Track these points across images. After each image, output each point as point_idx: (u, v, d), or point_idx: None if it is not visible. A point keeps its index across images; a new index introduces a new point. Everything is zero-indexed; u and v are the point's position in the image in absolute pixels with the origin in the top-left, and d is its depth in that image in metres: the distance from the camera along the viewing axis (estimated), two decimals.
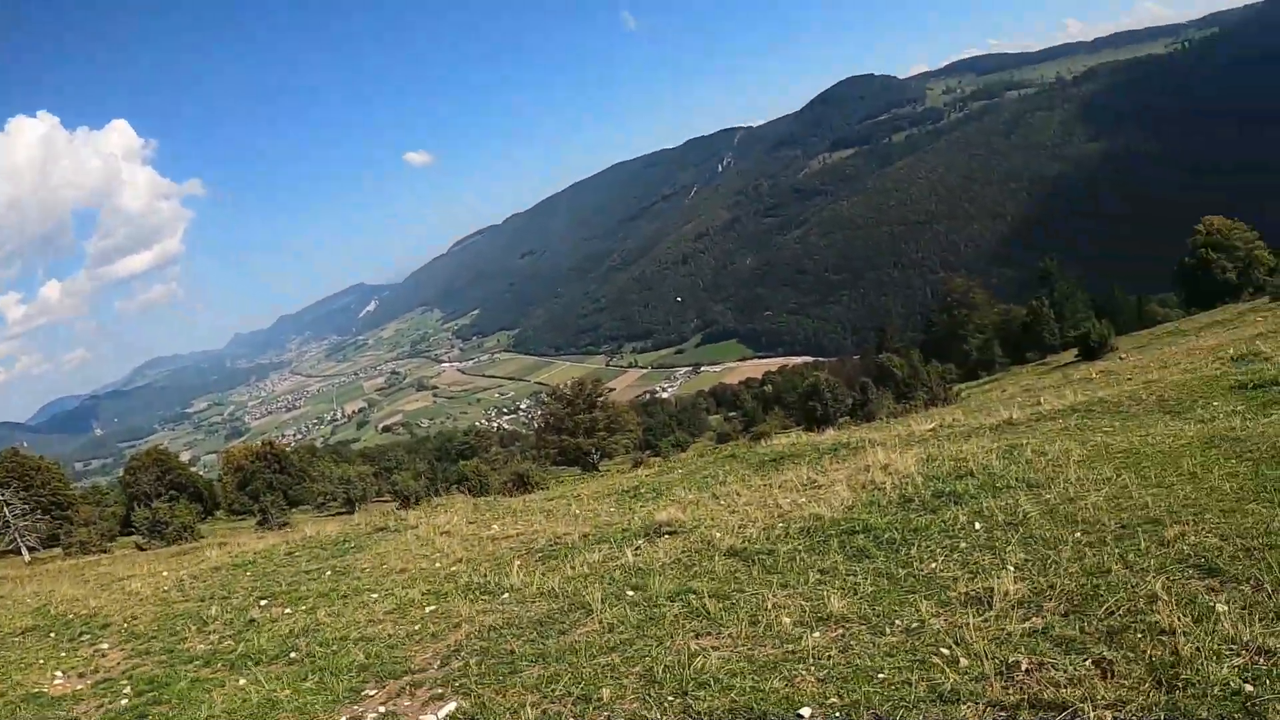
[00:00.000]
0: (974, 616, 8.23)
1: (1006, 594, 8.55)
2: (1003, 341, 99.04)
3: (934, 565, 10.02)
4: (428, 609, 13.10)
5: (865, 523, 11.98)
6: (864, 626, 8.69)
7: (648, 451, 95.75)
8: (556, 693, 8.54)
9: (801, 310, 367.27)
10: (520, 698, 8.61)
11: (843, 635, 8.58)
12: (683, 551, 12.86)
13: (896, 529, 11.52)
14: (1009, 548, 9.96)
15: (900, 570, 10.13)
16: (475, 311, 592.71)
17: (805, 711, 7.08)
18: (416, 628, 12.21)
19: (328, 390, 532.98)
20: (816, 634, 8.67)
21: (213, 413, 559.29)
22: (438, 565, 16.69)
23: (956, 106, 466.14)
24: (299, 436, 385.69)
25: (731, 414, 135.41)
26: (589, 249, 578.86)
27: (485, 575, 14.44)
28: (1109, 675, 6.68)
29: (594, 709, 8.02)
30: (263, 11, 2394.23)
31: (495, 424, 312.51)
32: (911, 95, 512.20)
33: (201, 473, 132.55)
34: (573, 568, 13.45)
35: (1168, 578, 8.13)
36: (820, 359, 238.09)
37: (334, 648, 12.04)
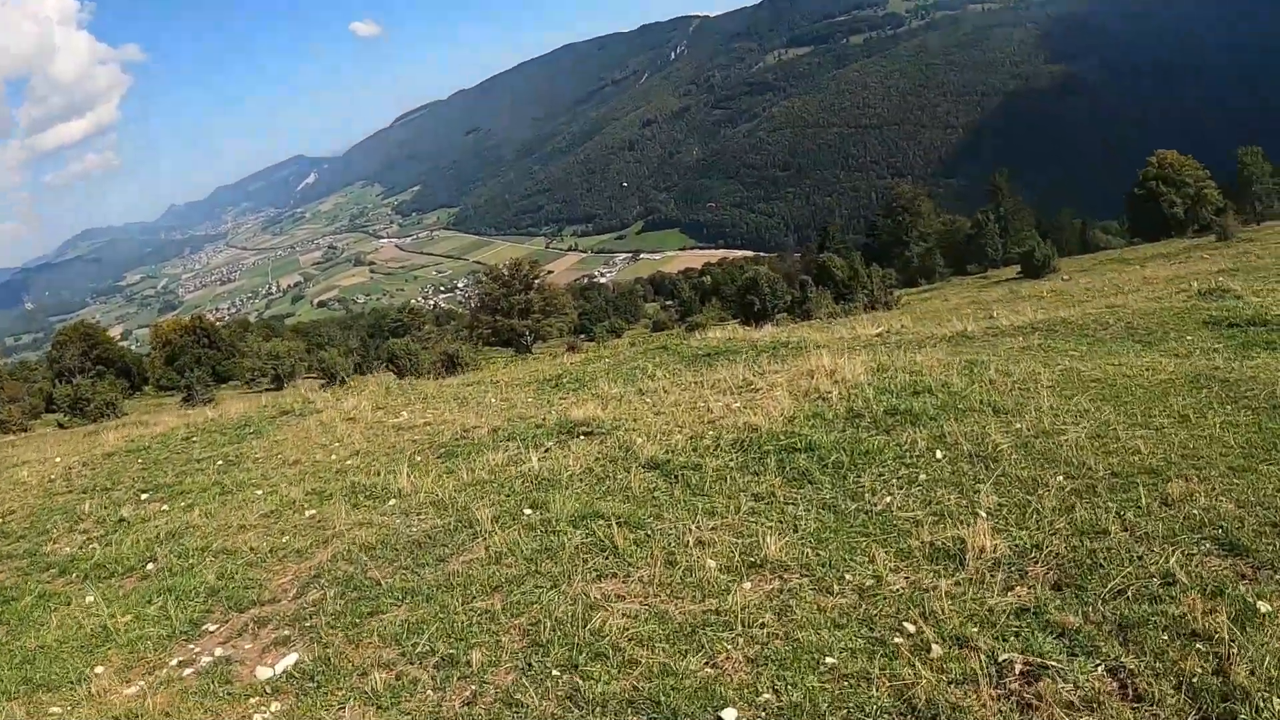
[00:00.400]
0: (943, 577, 6.66)
1: (981, 550, 6.93)
2: (944, 251, 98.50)
3: (889, 500, 8.37)
4: (307, 513, 11.41)
5: (808, 439, 10.20)
6: (806, 579, 7.03)
7: (582, 336, 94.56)
8: (418, 649, 6.87)
9: (745, 204, 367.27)
10: (374, 653, 6.98)
11: (780, 590, 6.91)
12: (596, 459, 11.10)
13: (844, 450, 9.76)
14: (979, 486, 8.27)
15: (849, 503, 8.45)
16: (416, 188, 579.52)
17: (729, 715, 5.40)
18: (285, 539, 10.47)
19: (263, 264, 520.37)
20: (747, 585, 7.03)
21: (146, 286, 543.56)
22: (333, 458, 14.85)
23: (918, 14, 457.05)
24: (233, 310, 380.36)
25: (669, 303, 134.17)
26: (535, 130, 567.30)
27: (377, 474, 12.67)
28: (1133, 696, 5.01)
29: (458, 678, 6.33)
30: None
31: (432, 302, 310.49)
32: None
33: (133, 347, 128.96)
34: (471, 471, 11.64)
35: (1183, 552, 6.48)
36: (761, 254, 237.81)
37: (192, 560, 10.39)
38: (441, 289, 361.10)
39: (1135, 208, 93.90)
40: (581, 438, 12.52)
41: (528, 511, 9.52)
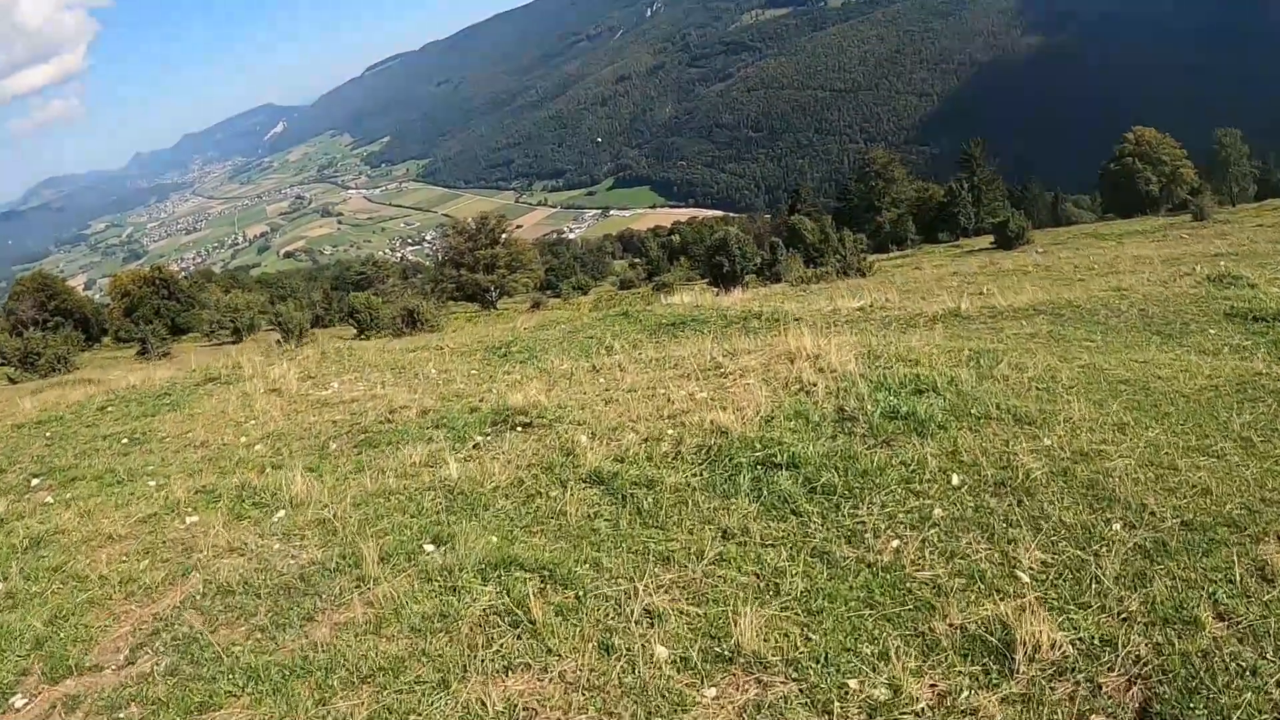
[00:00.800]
0: (984, 689, 4.74)
1: (1036, 645, 4.91)
2: (916, 218, 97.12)
3: (897, 546, 6.36)
4: (186, 520, 9.22)
5: (791, 451, 8.08)
6: (795, 684, 4.97)
7: (549, 292, 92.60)
8: None
9: (716, 164, 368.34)
10: None
11: (758, 705, 4.86)
12: (530, 465, 9.05)
13: (836, 468, 7.70)
14: (1015, 533, 6.29)
15: (846, 549, 6.44)
16: (386, 139, 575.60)
17: None
18: (143, 565, 8.19)
19: (230, 213, 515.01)
20: (711, 693, 4.98)
21: (110, 235, 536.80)
22: (241, 440, 12.72)
23: None
24: (199, 260, 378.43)
25: (636, 260, 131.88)
26: (507, 83, 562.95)
27: (278, 468, 10.59)
28: None
29: None
30: None
31: (399, 254, 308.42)
32: None
33: (96, 298, 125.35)
34: (380, 474, 9.54)
35: None
36: (731, 214, 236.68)
37: (40, 585, 8.14)
38: (409, 241, 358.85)
39: (1109, 183, 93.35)
40: (518, 430, 10.52)
41: (429, 549, 7.35)
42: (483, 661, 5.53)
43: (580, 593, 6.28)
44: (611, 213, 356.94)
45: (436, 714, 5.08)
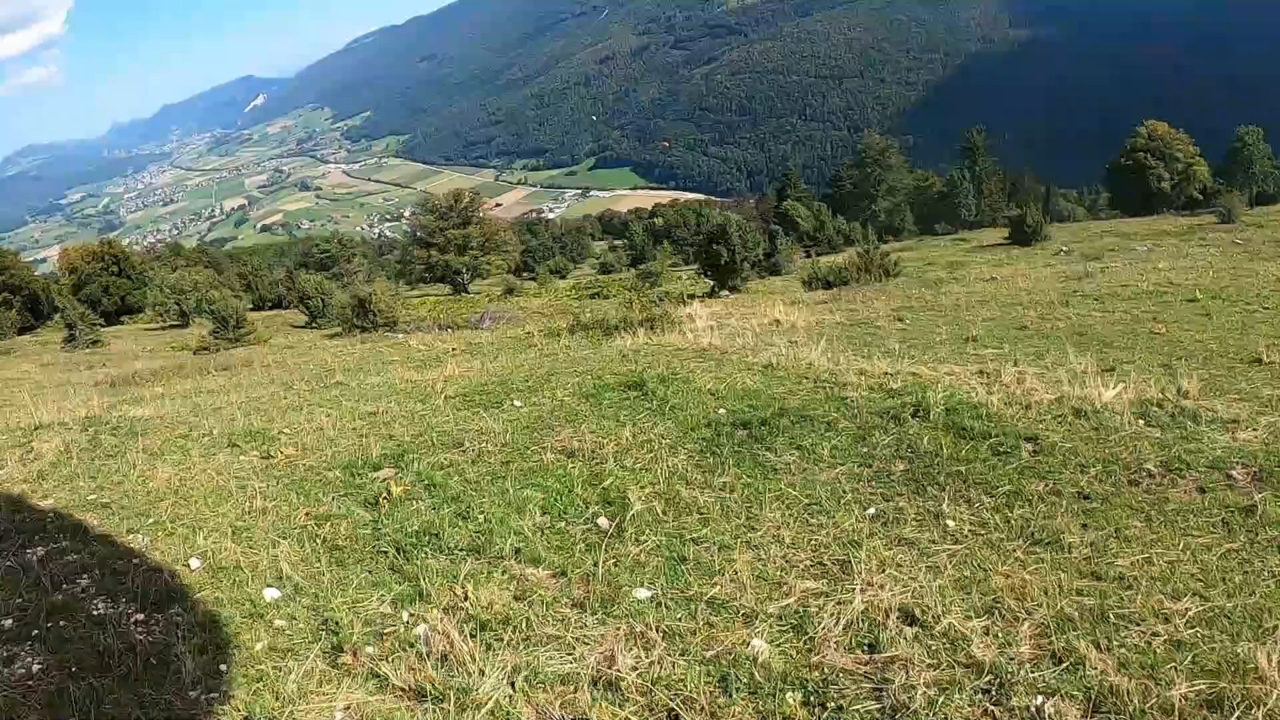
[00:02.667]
0: None
1: None
2: (913, 208, 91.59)
3: None
4: None
5: None
6: None
7: (525, 274, 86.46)
8: None
9: (698, 147, 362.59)
10: None
11: None
12: None
13: None
14: None
15: None
16: (367, 113, 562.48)
17: None
18: None
19: (208, 186, 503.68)
20: None
21: (87, 205, 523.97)
22: None
23: None
24: (175, 232, 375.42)
25: (617, 243, 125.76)
26: (490, 60, 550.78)
27: None
28: None
29: None
30: None
31: (377, 230, 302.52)
32: None
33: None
34: None
35: None
36: (713, 197, 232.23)
37: None
38: (388, 217, 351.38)
39: (1119, 179, 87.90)
40: None
41: None
42: None
43: None
44: (592, 193, 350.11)
45: None
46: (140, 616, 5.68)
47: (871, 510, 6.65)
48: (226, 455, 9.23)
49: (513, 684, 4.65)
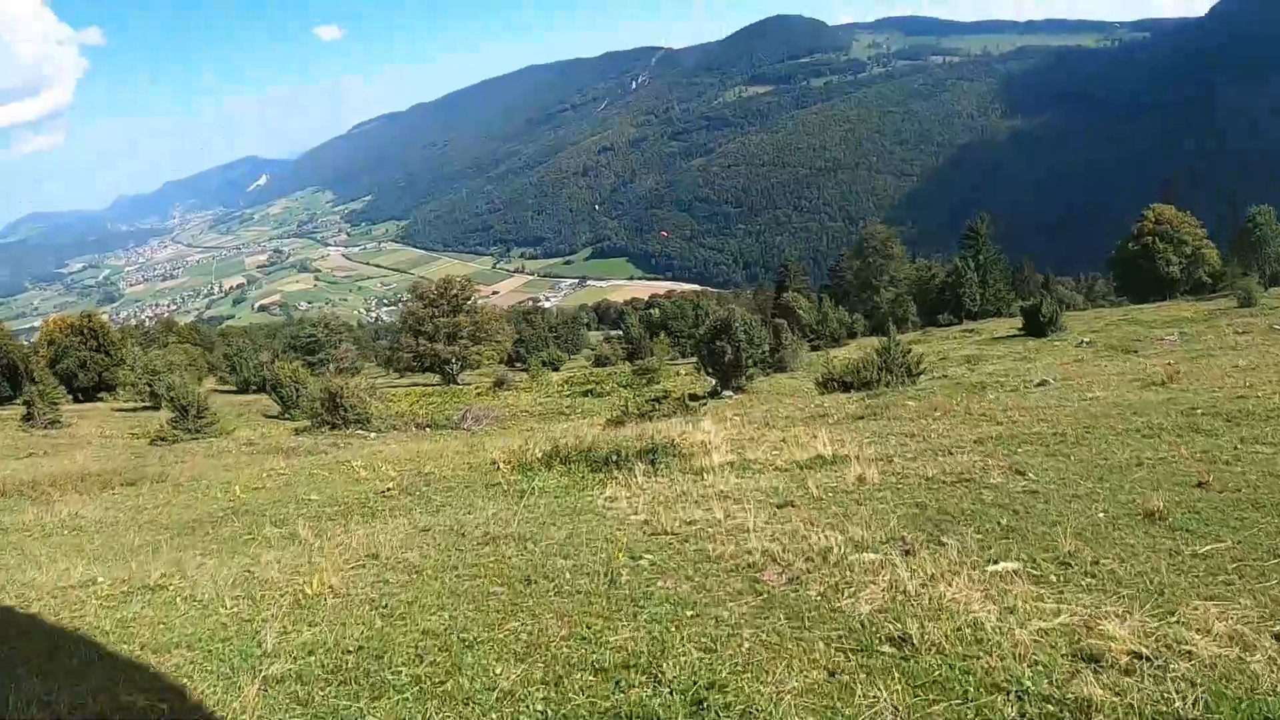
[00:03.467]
0: None
1: None
2: (916, 298, 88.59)
3: None
4: None
5: None
6: None
7: (517, 365, 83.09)
8: None
9: (695, 238, 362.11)
10: None
11: None
12: None
13: None
14: None
15: None
16: (368, 197, 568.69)
17: None
18: None
19: (208, 263, 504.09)
20: None
21: (87, 275, 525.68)
22: None
23: (880, 61, 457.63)
24: (173, 308, 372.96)
25: (613, 334, 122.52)
26: (491, 148, 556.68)
27: None
28: None
29: None
30: None
31: (374, 314, 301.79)
32: (837, 44, 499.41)
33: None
34: None
35: None
36: (709, 289, 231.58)
37: None
38: (385, 302, 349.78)
39: (1127, 264, 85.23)
40: None
41: None
42: None
43: None
44: (589, 283, 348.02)
45: None
46: None
47: None
48: None
49: None
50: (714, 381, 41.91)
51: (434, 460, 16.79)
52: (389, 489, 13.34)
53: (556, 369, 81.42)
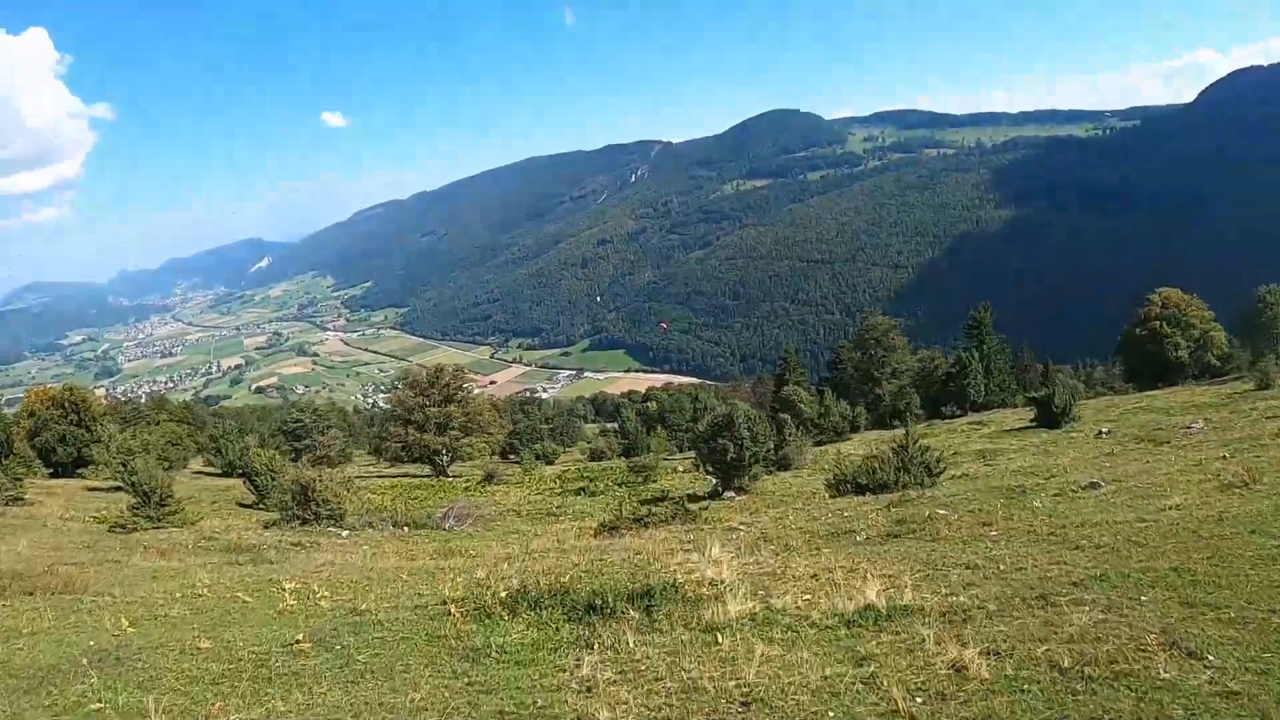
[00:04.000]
0: None
1: None
2: (919, 389, 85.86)
3: None
4: None
5: None
6: None
7: (511, 457, 79.79)
8: None
9: (693, 331, 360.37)
10: None
11: None
12: None
13: None
14: None
15: None
16: (368, 284, 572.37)
17: None
18: None
19: (207, 341, 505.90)
20: None
21: (86, 348, 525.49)
22: None
23: (875, 155, 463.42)
24: (170, 385, 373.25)
25: (609, 427, 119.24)
26: (490, 238, 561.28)
27: None
28: None
29: None
30: None
31: (370, 400, 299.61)
32: (833, 138, 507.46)
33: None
34: None
35: None
36: (707, 381, 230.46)
37: None
38: (381, 388, 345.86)
39: (1134, 350, 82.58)
40: None
41: None
42: None
43: None
44: (586, 374, 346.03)
45: None
46: None
47: None
48: None
49: None
50: (715, 481, 39.00)
51: (382, 586, 13.88)
52: (299, 641, 10.35)
53: (550, 463, 78.28)
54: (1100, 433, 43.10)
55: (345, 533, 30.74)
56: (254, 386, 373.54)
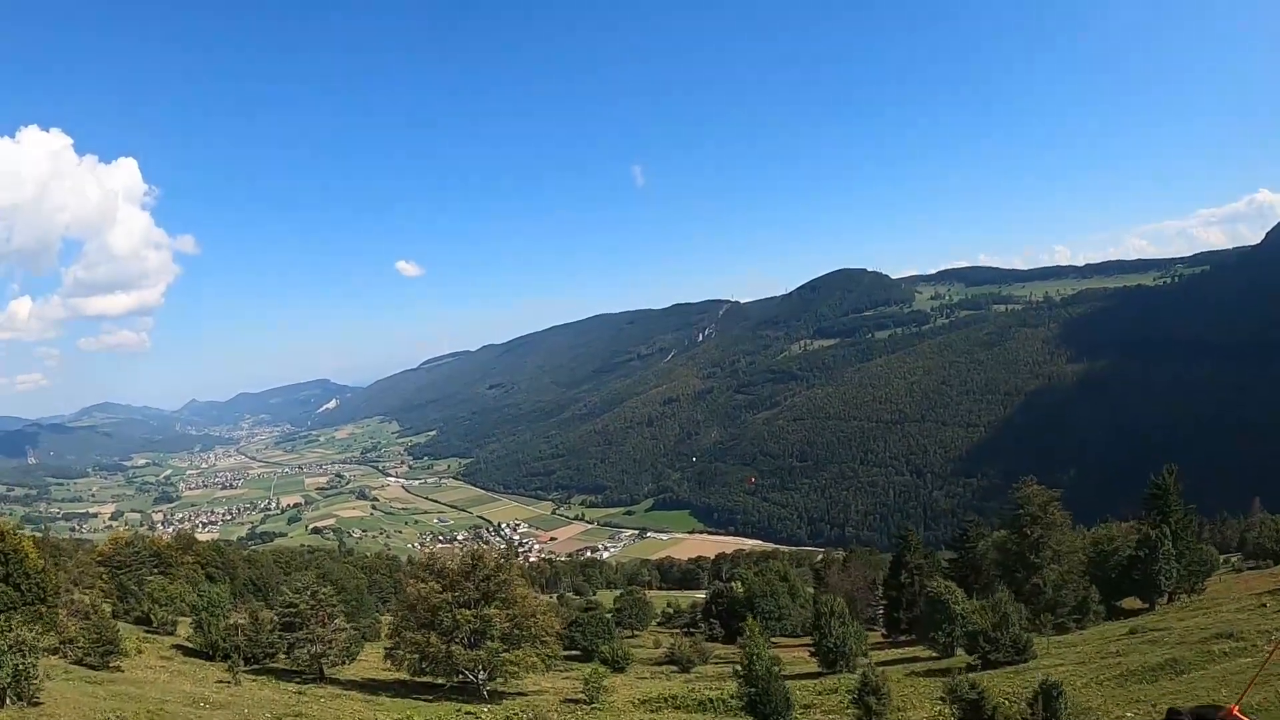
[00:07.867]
0: None
1: None
2: (1091, 577, 62.74)
3: None
4: None
5: None
6: None
7: (568, 650, 59.17)
8: None
9: (759, 492, 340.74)
10: None
11: None
12: None
13: None
14: None
15: None
16: (432, 432, 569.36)
17: None
18: None
19: (268, 477, 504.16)
20: None
21: (149, 471, 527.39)
22: None
23: (943, 312, 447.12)
24: (229, 518, 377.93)
25: (678, 596, 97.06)
26: (556, 393, 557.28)
27: None
28: None
29: None
30: (296, 99, 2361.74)
31: (427, 550, 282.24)
32: (900, 296, 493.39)
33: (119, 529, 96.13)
34: None
35: None
36: (773, 544, 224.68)
37: None
38: (440, 539, 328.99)
39: None
40: None
41: None
42: None
43: None
44: (649, 534, 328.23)
45: None
46: None
47: None
48: None
49: None
50: None
51: None
52: None
53: (622, 669, 55.82)
54: None
55: None
56: (311, 526, 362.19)
